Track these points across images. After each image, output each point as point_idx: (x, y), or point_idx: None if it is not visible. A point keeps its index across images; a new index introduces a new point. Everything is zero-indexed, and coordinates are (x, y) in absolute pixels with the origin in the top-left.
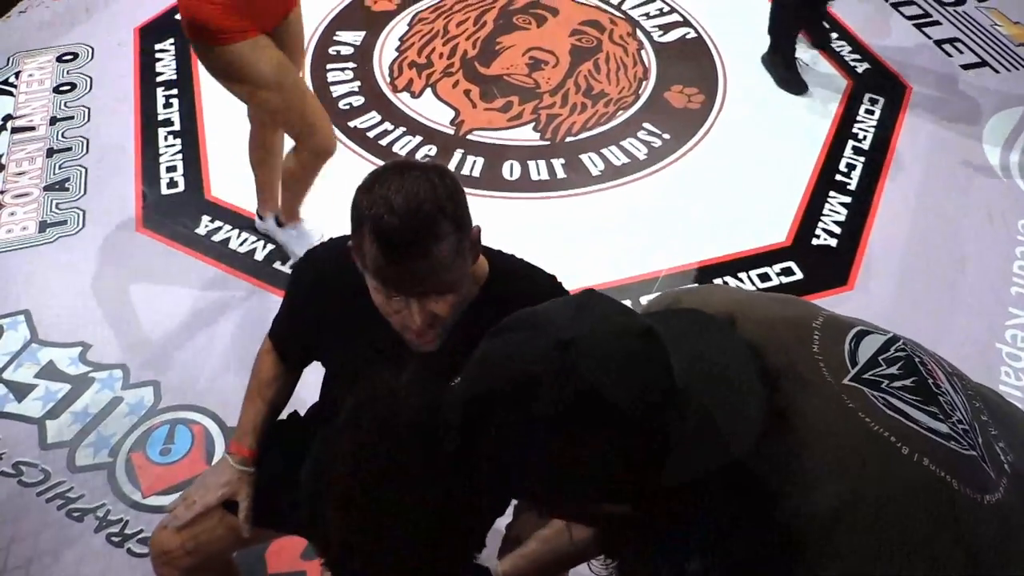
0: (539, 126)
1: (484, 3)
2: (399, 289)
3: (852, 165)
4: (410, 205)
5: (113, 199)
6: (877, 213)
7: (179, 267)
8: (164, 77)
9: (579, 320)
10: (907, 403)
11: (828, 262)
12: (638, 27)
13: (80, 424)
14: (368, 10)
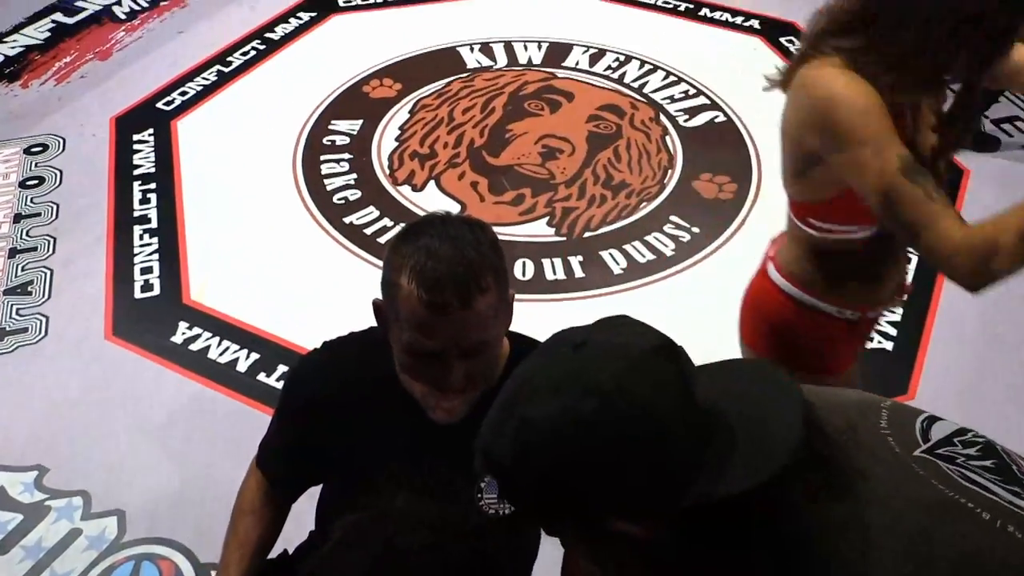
0: (554, 220)
1: (492, 88)
2: (439, 339)
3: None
4: (456, 254)
5: (80, 304)
6: (937, 311)
7: (152, 380)
8: (142, 170)
9: (597, 329)
10: (987, 479)
11: (884, 368)
12: (662, 111)
13: (32, 560)
14: (366, 97)
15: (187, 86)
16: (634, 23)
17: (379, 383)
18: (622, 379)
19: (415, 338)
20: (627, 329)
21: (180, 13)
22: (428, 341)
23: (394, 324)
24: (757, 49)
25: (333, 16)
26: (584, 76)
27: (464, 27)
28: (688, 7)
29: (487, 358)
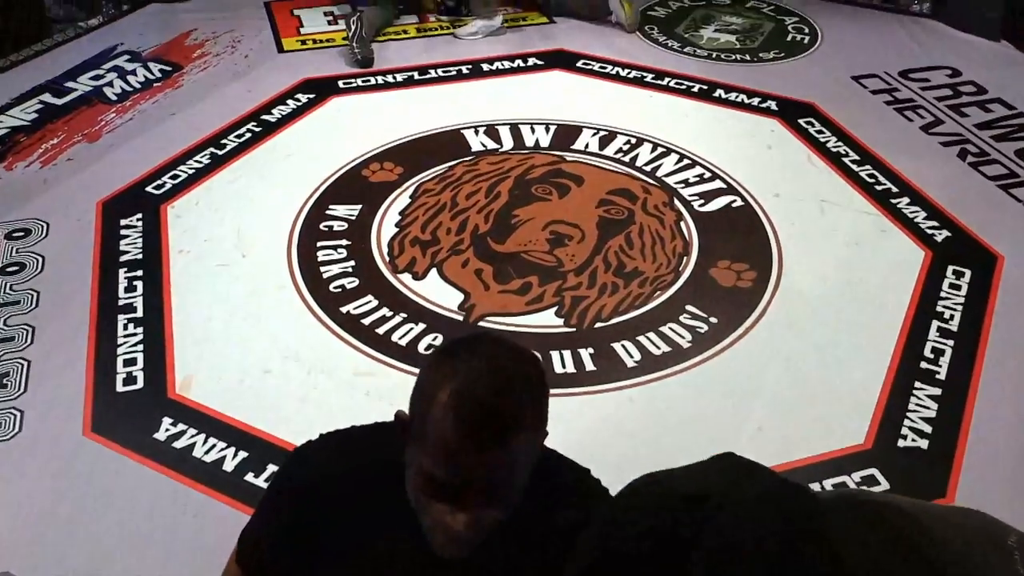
0: (563, 310)
1: (497, 172)
2: (464, 473)
3: (940, 350)
4: (502, 383)
5: (58, 398)
6: (975, 407)
7: (132, 479)
8: (128, 257)
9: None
10: None
11: (920, 468)
12: (676, 195)
13: None
14: (365, 181)
15: (178, 169)
16: (646, 104)
17: (384, 489)
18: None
19: (438, 466)
20: (751, 480)
21: (174, 95)
22: (450, 474)
23: (417, 445)
24: (775, 131)
25: (332, 98)
26: (594, 159)
27: (468, 109)
28: (702, 88)
29: (508, 502)
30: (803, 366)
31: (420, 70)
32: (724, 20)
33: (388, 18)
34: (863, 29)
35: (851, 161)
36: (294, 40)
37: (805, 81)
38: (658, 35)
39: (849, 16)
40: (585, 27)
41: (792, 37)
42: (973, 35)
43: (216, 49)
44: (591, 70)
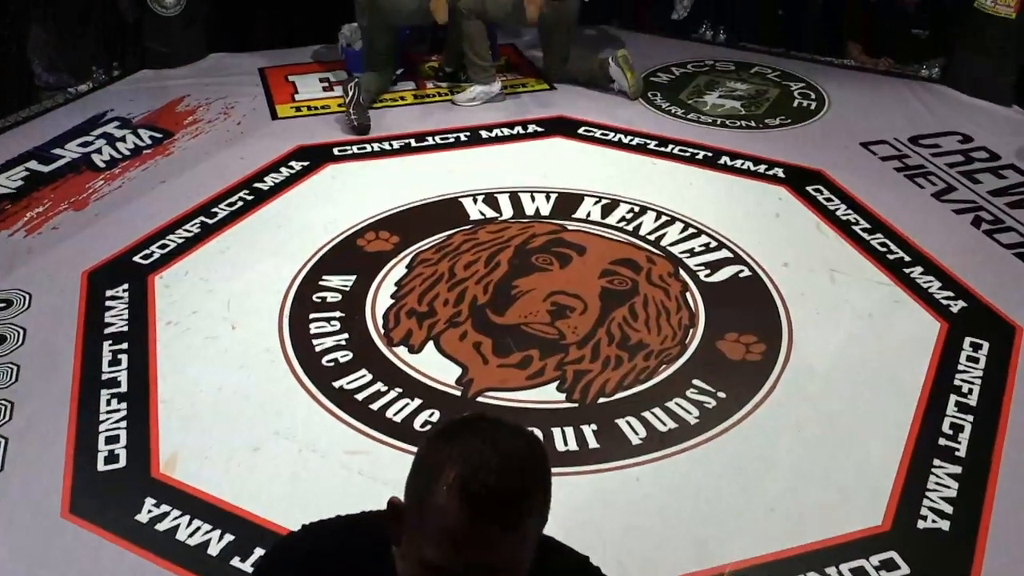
0: (565, 385)
1: (497, 241)
2: (466, 562)
3: (959, 426)
4: (509, 466)
5: (36, 477)
6: (998, 485)
7: (112, 563)
8: (113, 329)
9: None
10: None
11: (941, 550)
12: (681, 266)
13: None
14: (360, 250)
15: (167, 238)
16: (649, 172)
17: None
18: None
19: (439, 555)
20: None
21: (164, 162)
22: (454, 562)
23: (415, 533)
24: (782, 199)
25: (327, 165)
26: (596, 228)
27: (467, 177)
28: (707, 155)
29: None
30: (816, 443)
31: (417, 137)
32: (728, 86)
33: (385, 84)
34: (871, 95)
35: (862, 229)
36: (288, 107)
37: (813, 148)
38: (661, 102)
39: (856, 82)
40: (586, 94)
41: (798, 103)
42: (984, 100)
43: (208, 116)
44: (593, 137)
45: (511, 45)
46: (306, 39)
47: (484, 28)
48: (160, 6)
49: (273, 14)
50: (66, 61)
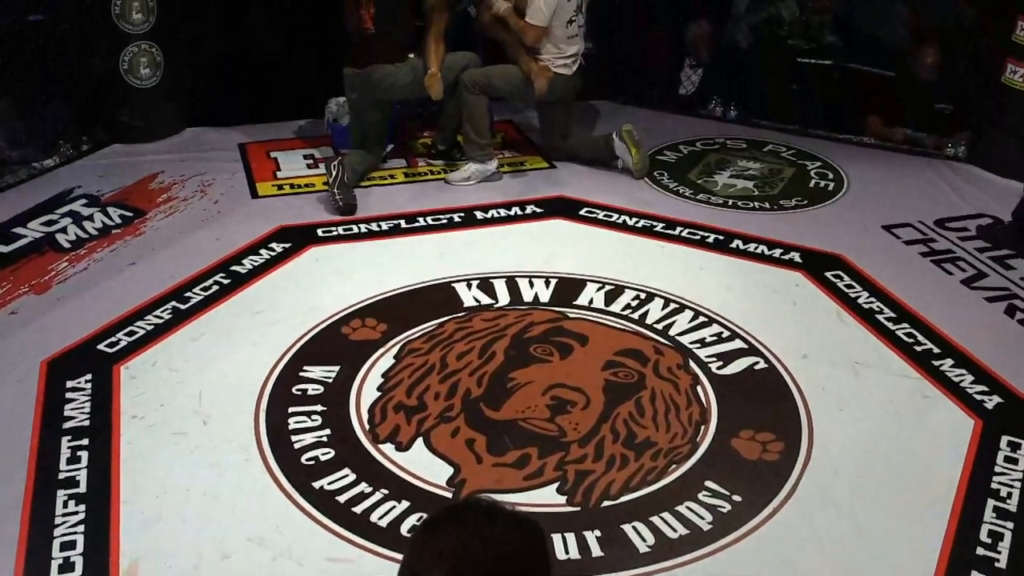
0: (566, 486)
1: (492, 330)
2: None
3: (998, 533)
4: (501, 563)
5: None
6: None
7: None
8: (73, 423)
9: None
10: None
11: None
12: (691, 357)
13: None
14: (345, 339)
15: (136, 325)
16: (656, 256)
17: None
18: None
19: None
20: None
21: (134, 242)
22: None
23: None
24: (800, 285)
25: (310, 247)
26: (599, 316)
27: (461, 260)
28: (718, 238)
29: None
30: (841, 552)
31: (408, 218)
32: (740, 165)
33: (373, 162)
34: (893, 174)
35: (886, 319)
36: (270, 184)
37: (831, 231)
38: (668, 181)
39: (877, 160)
40: (588, 172)
41: (815, 183)
42: (1014, 180)
43: (183, 193)
44: (596, 219)
45: (508, 121)
46: (290, 113)
47: (486, 104)
48: (134, 77)
49: (255, 87)
50: (31, 135)
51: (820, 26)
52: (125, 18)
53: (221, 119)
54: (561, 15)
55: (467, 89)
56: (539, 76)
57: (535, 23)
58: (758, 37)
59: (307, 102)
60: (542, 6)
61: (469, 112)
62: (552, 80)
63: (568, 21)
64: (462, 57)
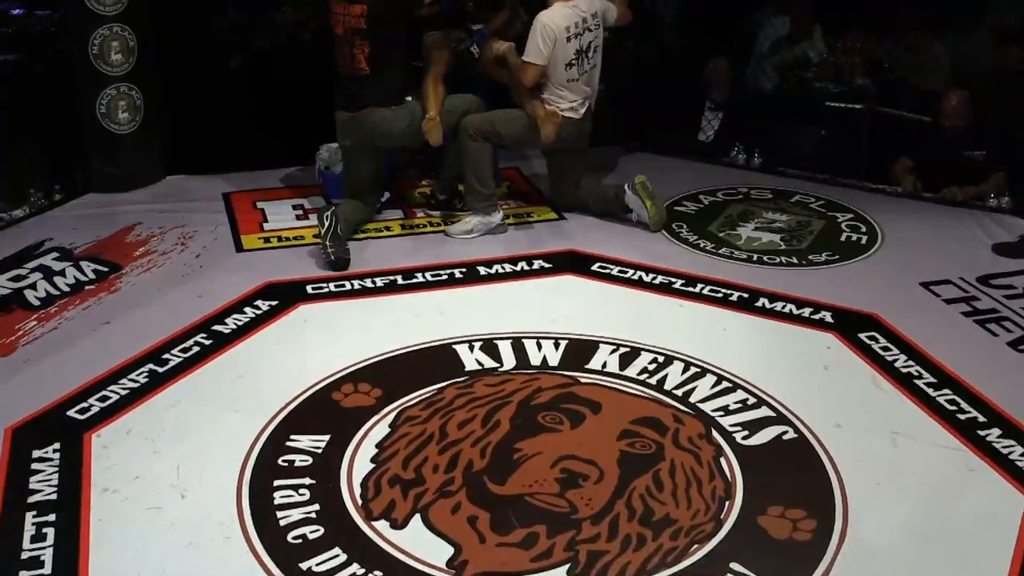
0: (577, 568)
1: (497, 396)
2: None
3: None
4: None
5: None
6: None
7: None
8: (39, 497)
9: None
10: None
11: None
12: (714, 426)
13: None
14: (336, 405)
15: (109, 389)
16: (675, 315)
17: None
18: None
19: None
20: None
21: (109, 300)
22: None
23: None
24: (831, 348)
25: (299, 305)
26: (614, 381)
27: (462, 320)
28: (742, 296)
29: None
30: None
31: (404, 273)
32: (766, 217)
33: (368, 213)
34: (931, 227)
35: (926, 384)
36: (256, 237)
37: (865, 288)
38: (688, 234)
39: (913, 212)
40: (601, 225)
41: (847, 236)
42: None
43: (163, 247)
44: (609, 275)
45: (514, 168)
46: (278, 160)
47: (491, 152)
48: (112, 121)
49: (241, 132)
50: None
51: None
52: (103, 59)
53: (204, 166)
54: (560, 55)
55: (469, 136)
56: (546, 121)
57: (533, 61)
58: (784, 79)
59: (296, 148)
60: (540, 44)
61: (472, 160)
62: (560, 125)
63: (567, 64)
64: (463, 100)
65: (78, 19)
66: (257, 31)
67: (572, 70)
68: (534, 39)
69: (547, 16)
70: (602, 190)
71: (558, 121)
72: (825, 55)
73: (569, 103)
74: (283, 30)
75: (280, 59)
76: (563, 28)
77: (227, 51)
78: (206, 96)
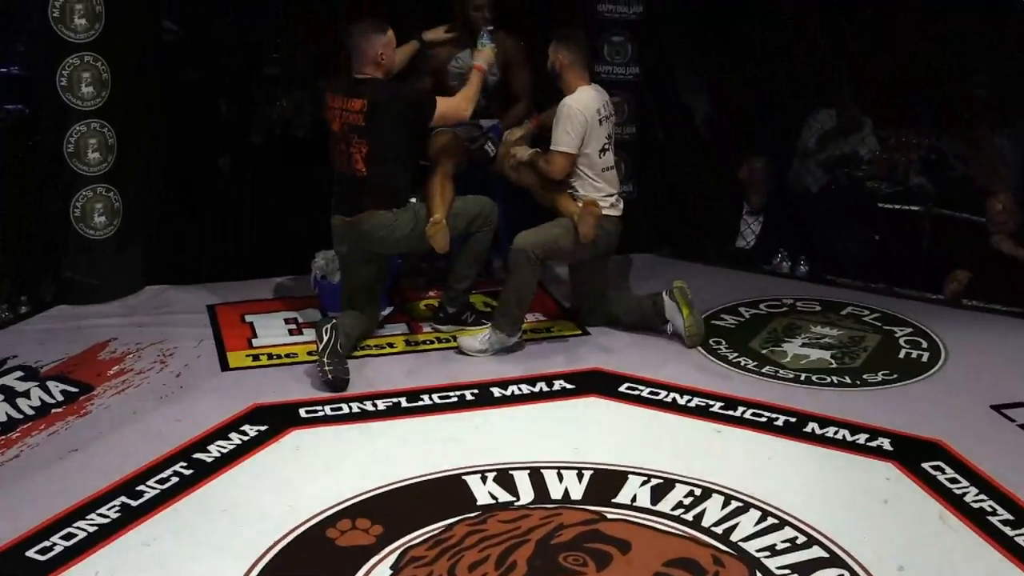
0: None
1: (512, 534)
2: None
3: None
4: None
5: None
6: None
7: None
8: None
9: None
10: None
11: None
12: (759, 568)
13: None
14: (331, 544)
15: (75, 526)
16: (713, 443)
17: None
18: None
19: None
20: None
21: (77, 424)
22: None
23: None
24: (891, 479)
25: (291, 431)
26: (645, 517)
27: (473, 448)
28: (789, 421)
29: None
30: None
31: (409, 395)
32: (814, 332)
33: (369, 326)
34: (1001, 342)
35: (1001, 521)
36: (243, 354)
37: (928, 412)
38: (727, 351)
39: (980, 325)
40: (630, 340)
41: (906, 353)
42: None
43: (139, 365)
44: (639, 397)
45: None
46: (269, 269)
47: (538, 275)
48: (87, 226)
49: (228, 237)
50: None
51: (905, 165)
52: (80, 157)
53: (187, 276)
54: (594, 141)
55: (530, 261)
56: (585, 216)
57: (564, 150)
58: (831, 178)
59: (289, 256)
60: (568, 130)
61: (520, 281)
62: (600, 219)
63: (601, 149)
64: (475, 203)
65: (53, 114)
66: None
67: (607, 155)
68: (562, 126)
69: (574, 100)
70: (635, 300)
71: (597, 212)
72: (877, 151)
73: (607, 196)
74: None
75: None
76: (594, 111)
77: (215, 148)
78: (190, 198)
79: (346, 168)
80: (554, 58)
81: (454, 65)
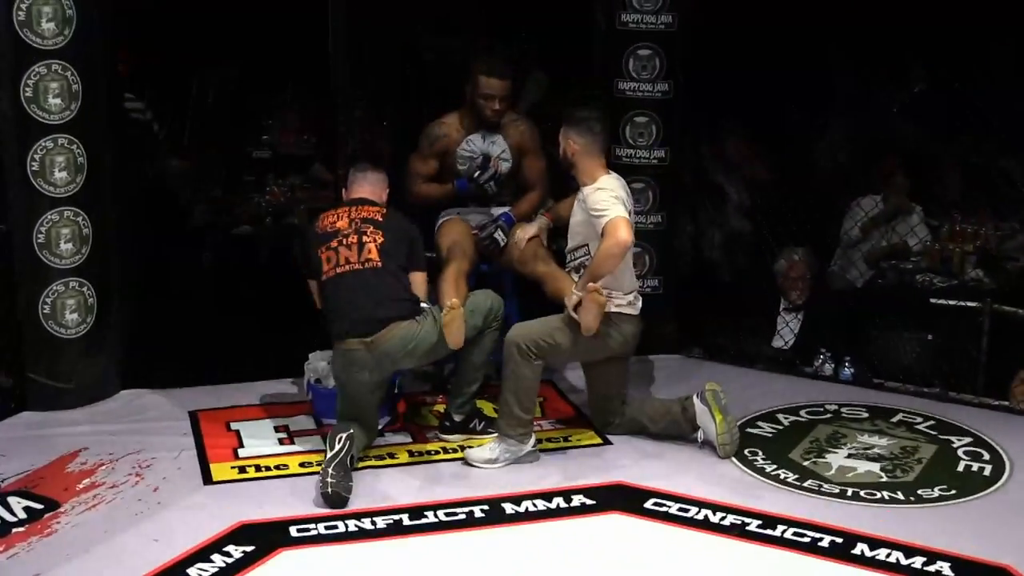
0: None
1: None
2: None
3: None
4: None
5: None
6: None
7: None
8: None
9: None
10: None
11: None
12: None
13: None
14: None
15: None
16: (750, 566)
17: None
18: None
19: None
20: None
21: (40, 546)
22: None
23: None
24: None
25: (280, 551)
26: None
27: (483, 570)
28: (834, 541)
29: None
30: None
31: (412, 511)
32: (861, 441)
33: (369, 437)
34: None
35: None
36: (228, 466)
37: (991, 532)
38: (764, 463)
39: None
40: (656, 450)
41: (965, 466)
42: None
43: (113, 478)
44: (667, 514)
45: (548, 382)
46: (257, 372)
47: (540, 373)
48: (57, 324)
49: (212, 337)
50: None
51: (960, 257)
52: (51, 249)
53: (167, 379)
54: None
55: (522, 353)
56: (588, 305)
57: (620, 213)
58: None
59: (280, 357)
60: (611, 196)
61: (518, 380)
62: (603, 307)
63: None
64: (484, 297)
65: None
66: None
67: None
68: (606, 194)
69: (604, 181)
70: (662, 405)
71: (602, 301)
72: (928, 242)
73: (629, 292)
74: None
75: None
76: (624, 189)
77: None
78: (171, 294)
79: (356, 262)
80: (565, 144)
81: (464, 148)
